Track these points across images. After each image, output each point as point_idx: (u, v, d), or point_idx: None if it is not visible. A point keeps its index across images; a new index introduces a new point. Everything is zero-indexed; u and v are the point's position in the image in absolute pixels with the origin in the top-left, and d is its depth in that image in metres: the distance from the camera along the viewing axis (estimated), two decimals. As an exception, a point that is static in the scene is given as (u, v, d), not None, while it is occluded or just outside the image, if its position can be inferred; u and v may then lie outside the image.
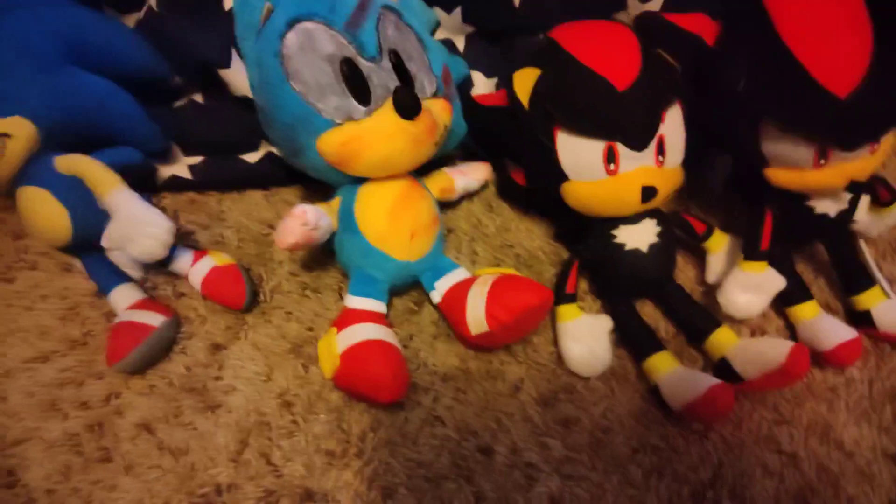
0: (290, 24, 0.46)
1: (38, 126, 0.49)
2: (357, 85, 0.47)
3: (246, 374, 0.52)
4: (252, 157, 0.62)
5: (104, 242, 0.50)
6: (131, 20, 0.59)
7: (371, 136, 0.47)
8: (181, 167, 0.62)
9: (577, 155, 0.48)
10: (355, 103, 0.47)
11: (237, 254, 0.59)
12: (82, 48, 0.52)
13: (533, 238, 0.60)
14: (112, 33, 0.55)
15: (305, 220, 0.46)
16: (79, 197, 0.50)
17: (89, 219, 0.51)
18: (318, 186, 0.55)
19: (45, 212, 0.50)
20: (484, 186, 0.62)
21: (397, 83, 0.48)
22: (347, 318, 0.49)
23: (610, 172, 0.47)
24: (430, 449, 0.48)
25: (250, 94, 0.57)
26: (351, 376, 0.46)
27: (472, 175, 0.59)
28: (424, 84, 0.50)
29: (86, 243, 0.52)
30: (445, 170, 0.58)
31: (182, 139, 0.62)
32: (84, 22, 0.53)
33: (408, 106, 0.46)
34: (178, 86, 0.61)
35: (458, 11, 0.61)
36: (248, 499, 0.47)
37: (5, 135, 0.47)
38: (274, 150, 0.62)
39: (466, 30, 0.63)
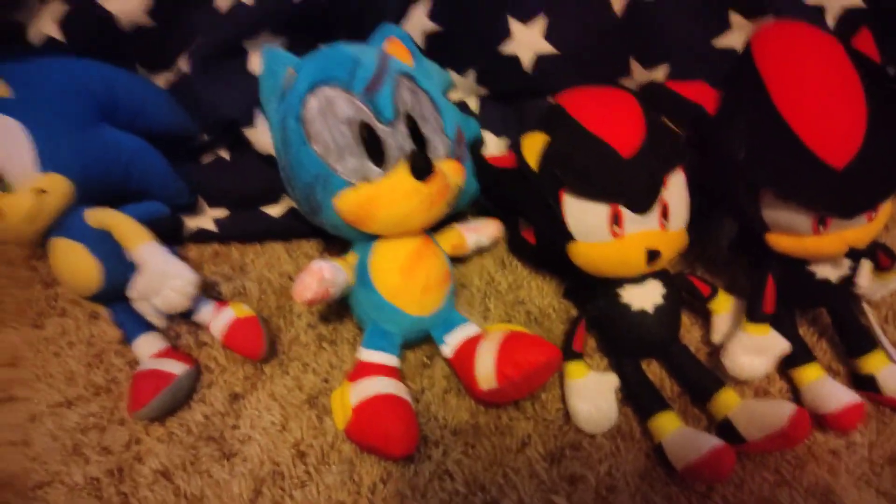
0: (311, 89, 0.49)
1: (73, 182, 0.52)
2: (374, 147, 0.49)
3: (262, 423, 0.54)
4: (274, 211, 0.65)
5: (130, 294, 0.52)
6: (161, 79, 0.63)
7: (386, 197, 0.49)
8: (207, 220, 0.65)
9: (583, 217, 0.50)
10: (372, 165, 0.49)
11: (258, 305, 0.61)
12: (114, 107, 0.56)
13: (544, 296, 0.61)
14: (143, 93, 0.58)
15: (322, 276, 0.49)
16: (109, 249, 0.53)
17: (118, 270, 0.53)
18: (337, 240, 0.58)
19: (76, 263, 0.52)
20: (496, 243, 0.64)
21: (412, 146, 0.50)
22: (361, 370, 0.51)
23: (615, 234, 0.49)
24: (438, 502, 0.49)
25: (273, 152, 0.60)
26: (363, 430, 0.47)
27: (483, 232, 0.61)
28: (438, 146, 0.53)
29: (114, 293, 0.54)
30: (457, 226, 0.60)
31: (208, 193, 0.65)
32: (117, 81, 0.56)
33: (422, 168, 0.49)
34: (205, 143, 0.64)
35: (471, 74, 0.64)
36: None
37: (42, 191, 0.51)
38: (294, 205, 0.65)
39: (480, 91, 0.66)
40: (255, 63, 0.60)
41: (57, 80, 0.53)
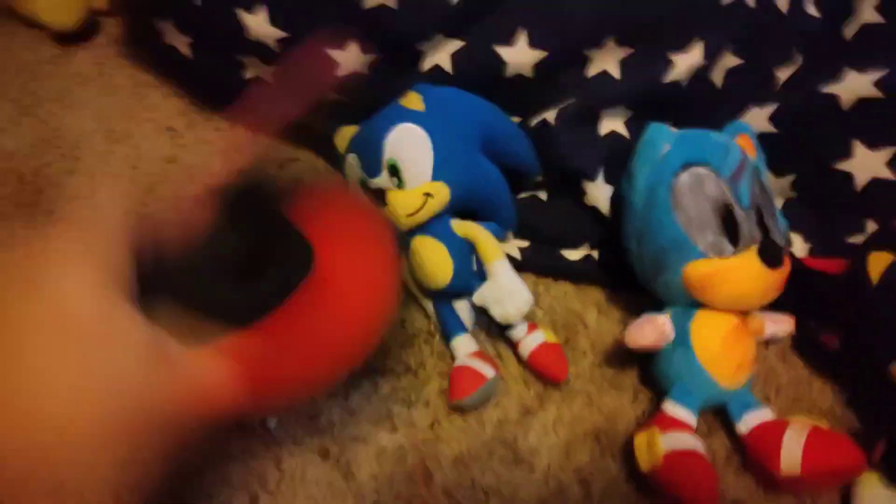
0: (685, 166, 0.56)
1: (452, 193, 0.60)
2: (731, 229, 0.55)
3: (548, 442, 0.59)
4: (572, 255, 0.72)
5: (476, 299, 0.60)
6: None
7: (734, 275, 0.54)
8: (512, 248, 0.72)
9: (924, 342, 0.52)
10: (727, 243, 0.54)
11: (550, 334, 0.67)
12: (491, 140, 0.64)
13: (824, 398, 0.63)
14: (513, 133, 0.67)
15: (663, 330, 0.54)
16: (462, 256, 0.61)
17: (462, 275, 0.61)
18: (623, 293, 0.65)
19: (437, 260, 0.60)
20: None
21: (761, 235, 0.55)
22: (668, 422, 0.55)
23: (951, 366, 0.51)
24: (717, 567, 0.52)
25: (599, 205, 0.67)
26: (674, 478, 0.51)
27: (781, 325, 0.64)
28: (777, 239, 0.57)
29: (450, 293, 0.63)
30: (759, 315, 0.63)
31: (518, 226, 0.73)
32: (498, 119, 0.65)
33: (774, 257, 0.54)
34: (534, 182, 0.72)
35: (789, 178, 0.69)
36: (548, 557, 0.53)
37: (429, 194, 0.60)
38: (593, 253, 0.71)
39: (789, 195, 0.70)
40: (605, 128, 0.68)
41: (459, 106, 0.63)
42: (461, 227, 0.62)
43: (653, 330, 0.54)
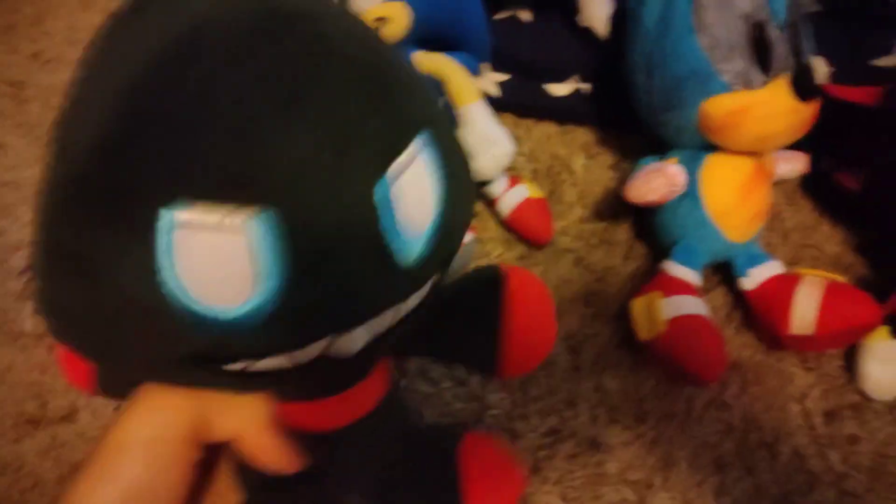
0: (711, -28, 0.44)
1: (414, 14, 0.48)
2: (763, 52, 0.44)
3: (535, 308, 0.53)
4: (559, 90, 0.61)
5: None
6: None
7: (761, 111, 0.45)
8: (488, 82, 0.61)
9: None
10: (757, 71, 0.44)
11: (531, 184, 0.58)
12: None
13: (832, 242, 0.57)
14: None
15: (675, 181, 0.45)
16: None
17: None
18: (609, 133, 0.55)
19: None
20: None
21: (795, 59, 0.45)
22: (670, 285, 0.48)
23: None
24: (713, 433, 0.49)
25: (595, 25, 0.55)
26: (677, 346, 0.46)
27: (793, 164, 0.56)
28: (810, 65, 0.47)
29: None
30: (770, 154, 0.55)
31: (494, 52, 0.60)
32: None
33: (810, 88, 0.44)
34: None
35: (815, -13, 0.57)
36: (535, 432, 0.48)
37: (382, 18, 0.47)
38: (583, 87, 0.60)
39: (810, 8, 0.59)
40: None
41: None
42: (427, 60, 0.49)
43: (664, 183, 0.45)
